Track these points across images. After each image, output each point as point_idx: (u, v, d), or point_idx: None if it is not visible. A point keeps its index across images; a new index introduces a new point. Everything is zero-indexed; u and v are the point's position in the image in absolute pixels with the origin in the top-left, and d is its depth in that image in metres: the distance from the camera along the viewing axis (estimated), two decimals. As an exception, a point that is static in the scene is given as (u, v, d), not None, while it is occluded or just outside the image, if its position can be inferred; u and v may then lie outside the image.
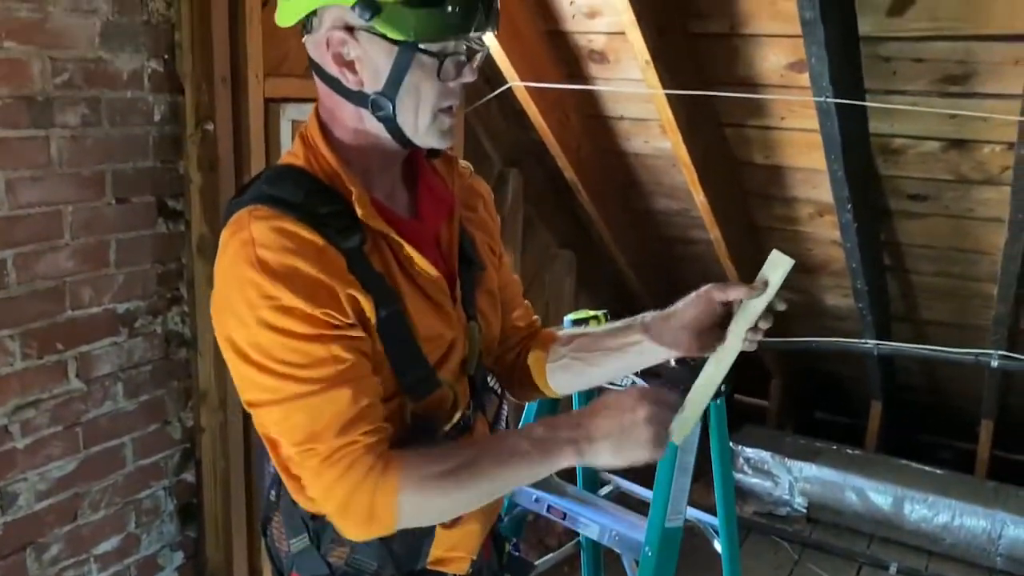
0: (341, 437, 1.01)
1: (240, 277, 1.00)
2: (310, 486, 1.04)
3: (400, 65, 1.03)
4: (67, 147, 1.98)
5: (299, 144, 1.12)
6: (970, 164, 2.72)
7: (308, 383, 1.00)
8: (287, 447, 1.04)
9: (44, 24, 1.90)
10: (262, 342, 0.99)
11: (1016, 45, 2.28)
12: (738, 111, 2.90)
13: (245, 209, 1.04)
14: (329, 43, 1.04)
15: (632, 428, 1.02)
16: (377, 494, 1.01)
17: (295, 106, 2.34)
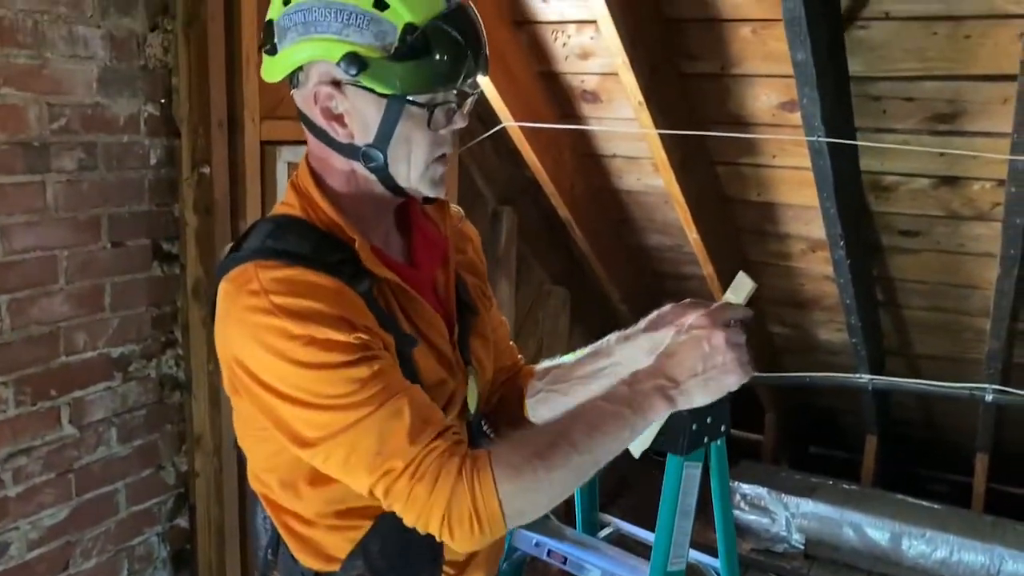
0: (415, 444, 0.97)
1: (259, 326, 0.98)
2: (407, 511, 0.98)
3: (390, 117, 1.02)
4: (63, 192, 1.98)
5: (292, 194, 1.11)
6: (961, 200, 2.75)
7: (363, 406, 0.97)
8: (365, 478, 0.98)
9: (42, 70, 1.91)
10: (303, 382, 0.97)
11: (1003, 84, 2.31)
12: (730, 149, 2.93)
13: (250, 264, 1.01)
14: (317, 97, 1.03)
15: (714, 356, 1.04)
16: (477, 495, 0.96)
17: (291, 148, 2.35)
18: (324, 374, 0.96)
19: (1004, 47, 2.21)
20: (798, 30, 2.13)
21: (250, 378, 1.00)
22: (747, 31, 2.50)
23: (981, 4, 2.14)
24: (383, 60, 0.98)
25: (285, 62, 1.04)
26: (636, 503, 3.49)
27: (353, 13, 0.98)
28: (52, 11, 1.91)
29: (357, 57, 0.98)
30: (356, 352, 0.97)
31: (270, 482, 1.12)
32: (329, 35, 0.99)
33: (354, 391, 0.97)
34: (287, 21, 1.02)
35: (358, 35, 0.98)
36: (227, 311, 1.02)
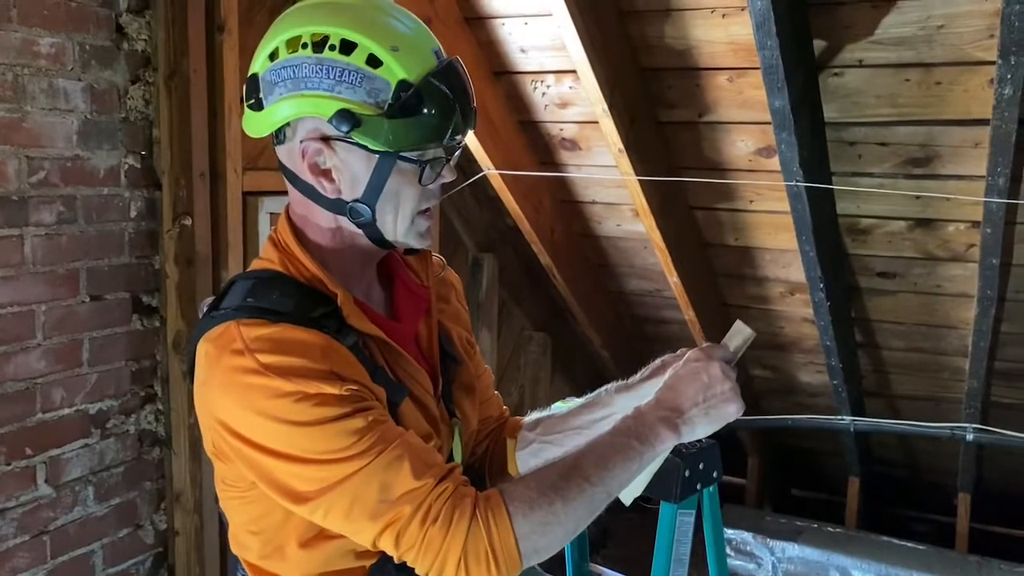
0: (422, 488, 0.94)
1: (246, 387, 0.95)
2: (422, 556, 0.94)
3: (380, 173, 1.01)
4: (41, 245, 1.95)
5: (271, 248, 1.08)
6: (936, 242, 2.79)
7: (362, 456, 0.94)
8: (370, 528, 0.95)
9: (22, 123, 1.89)
10: (297, 440, 0.95)
11: (975, 129, 2.37)
12: (708, 195, 2.96)
13: (231, 323, 0.98)
14: (304, 153, 1.01)
15: (713, 386, 1.07)
16: (494, 533, 0.94)
17: (273, 199, 2.34)
18: (318, 429, 0.94)
19: (975, 92, 2.27)
20: (775, 77, 2.16)
21: (237, 439, 0.97)
22: (723, 79, 2.54)
23: (951, 52, 2.20)
24: (376, 117, 0.97)
25: (272, 117, 1.01)
26: (620, 553, 3.45)
27: (346, 70, 0.97)
28: (33, 64, 1.90)
29: (350, 114, 0.97)
30: (349, 404, 0.95)
31: (252, 545, 1.09)
32: (320, 92, 0.97)
33: (352, 443, 0.94)
34: (274, 76, 1.00)
35: (351, 92, 0.97)
36: (210, 373, 0.99)
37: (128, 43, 2.09)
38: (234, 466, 1.02)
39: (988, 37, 2.12)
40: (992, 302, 2.70)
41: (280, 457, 0.96)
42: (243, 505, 1.07)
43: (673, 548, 1.84)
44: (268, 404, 0.94)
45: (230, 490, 1.07)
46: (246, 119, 1.06)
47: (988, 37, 2.12)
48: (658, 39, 2.51)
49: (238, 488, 1.05)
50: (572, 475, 0.99)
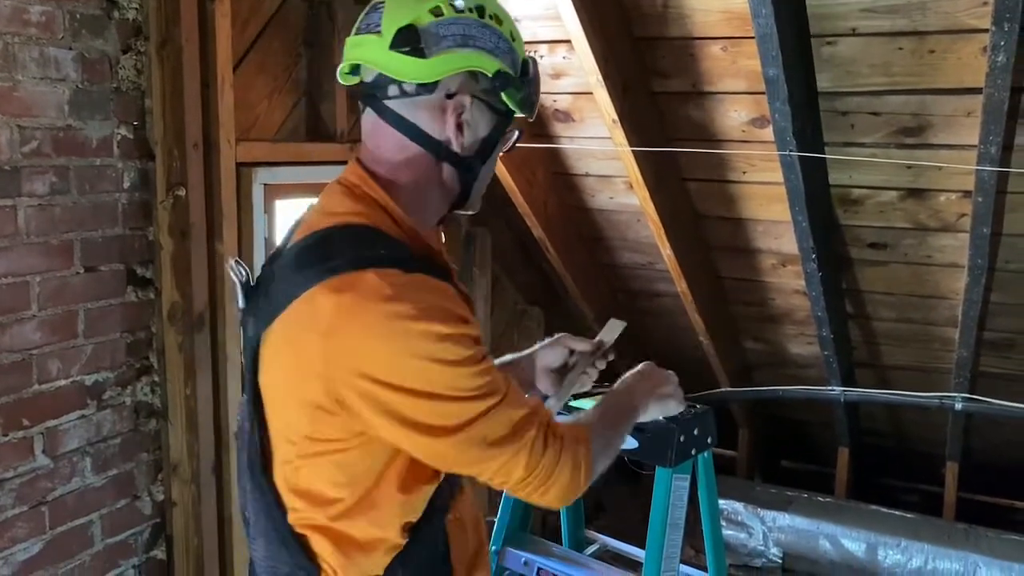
0: (527, 408, 1.08)
1: (404, 332, 0.99)
2: (541, 476, 1.08)
3: (496, 134, 1.15)
4: (35, 216, 1.93)
5: (349, 201, 1.10)
6: (927, 212, 2.81)
7: (495, 392, 1.05)
8: (501, 458, 1.06)
9: (12, 92, 1.87)
10: (447, 379, 1.01)
11: (967, 97, 2.38)
12: (701, 166, 2.96)
13: (368, 272, 1.00)
14: (452, 106, 1.09)
15: (667, 384, 1.45)
16: (581, 454, 1.12)
17: (266, 170, 2.33)
18: (465, 369, 1.02)
19: (968, 61, 2.28)
20: (769, 46, 2.17)
21: (379, 385, 1.00)
22: (717, 49, 2.54)
23: (945, 19, 2.20)
24: (516, 80, 1.12)
25: (441, 67, 1.07)
26: (614, 524, 3.48)
27: (501, 37, 1.10)
28: (23, 32, 1.88)
29: (506, 75, 1.10)
30: (481, 345, 1.05)
31: (336, 500, 1.08)
32: (487, 50, 1.09)
33: (487, 381, 1.04)
34: (442, 30, 1.07)
35: (505, 58, 1.11)
36: (351, 321, 1.00)
37: (119, 12, 2.07)
38: (339, 418, 1.03)
39: (982, 4, 2.13)
40: (983, 271, 2.73)
41: (430, 397, 1.01)
42: (336, 458, 1.07)
43: (668, 513, 1.86)
44: (427, 347, 1.00)
45: (319, 445, 1.07)
46: (401, 63, 1.07)
47: (982, 4, 2.13)
48: (652, 7, 2.51)
49: (336, 442, 1.06)
50: (612, 421, 1.27)
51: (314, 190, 2.55)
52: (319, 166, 2.51)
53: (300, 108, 2.56)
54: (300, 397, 1.05)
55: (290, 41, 2.51)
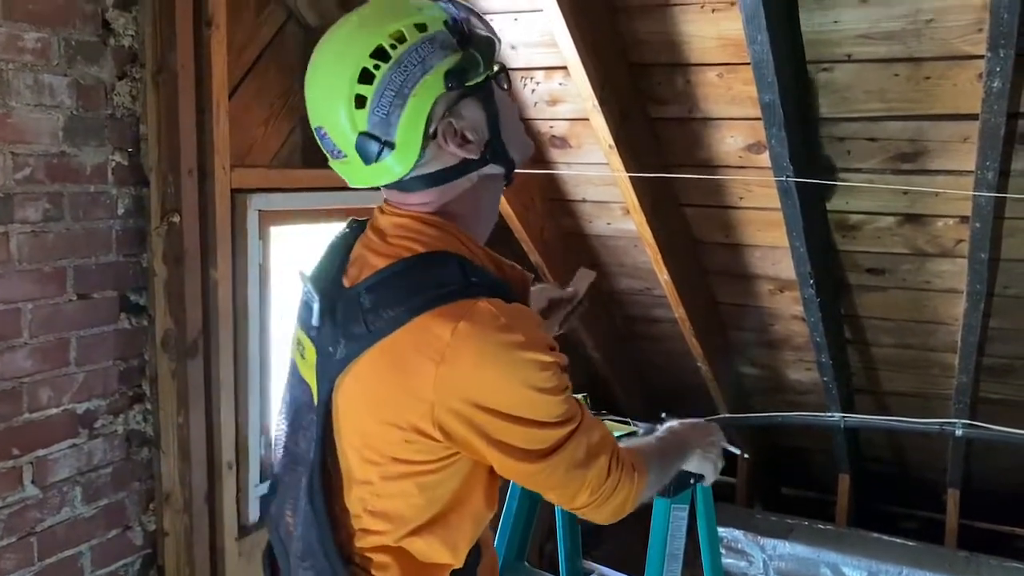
0: (600, 431, 1.14)
1: (515, 360, 1.03)
2: (608, 499, 1.15)
3: (489, 104, 1.09)
4: (28, 243, 1.92)
5: (431, 229, 1.11)
6: (925, 238, 2.80)
7: (576, 417, 1.10)
8: (581, 479, 1.12)
9: (7, 119, 1.86)
10: (543, 406, 1.06)
11: (964, 123, 2.38)
12: (698, 192, 2.96)
13: (481, 301, 1.03)
14: (445, 138, 1.07)
15: (713, 447, 1.50)
16: (637, 481, 1.18)
17: (261, 196, 2.32)
18: (558, 398, 1.07)
19: (963, 87, 2.28)
20: (765, 72, 2.17)
21: (484, 412, 1.03)
22: (713, 75, 2.54)
23: (940, 46, 2.21)
24: (460, 58, 1.05)
25: (411, 135, 1.05)
26: (613, 553, 3.43)
27: (416, 49, 1.03)
28: (18, 60, 1.88)
29: (452, 72, 1.05)
30: (567, 373, 1.09)
31: (411, 518, 1.11)
32: (423, 80, 1.04)
33: (570, 407, 1.10)
34: (379, 112, 1.03)
35: (436, 58, 1.04)
36: (470, 348, 1.02)
37: (114, 38, 2.07)
38: (434, 443, 1.05)
39: (977, 31, 2.13)
40: (981, 297, 2.72)
41: (528, 424, 1.06)
42: (419, 480, 1.09)
43: (667, 543, 1.83)
44: (533, 375, 1.04)
45: (404, 467, 1.08)
46: (385, 169, 1.07)
47: (977, 31, 2.13)
48: (648, 34, 2.52)
49: (422, 464, 1.08)
50: (666, 457, 1.36)
51: (310, 216, 2.55)
52: (315, 192, 2.50)
53: (296, 134, 2.56)
54: (398, 419, 1.05)
55: (287, 67, 2.50)
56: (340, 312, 1.10)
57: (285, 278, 2.41)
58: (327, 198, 2.53)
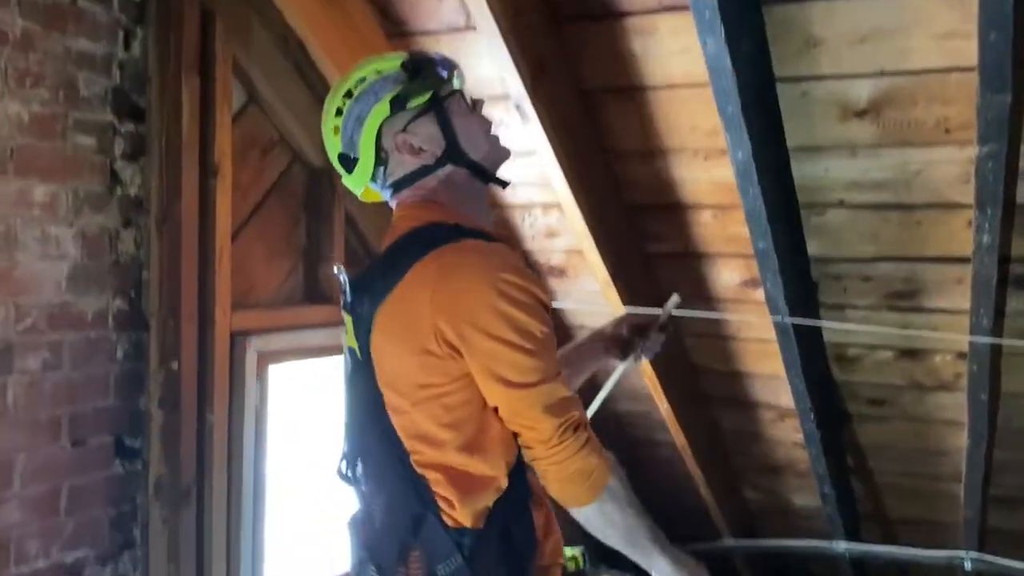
0: (579, 402, 1.29)
1: (503, 282, 1.22)
2: (565, 450, 1.24)
3: (444, 119, 1.36)
4: (25, 393, 1.93)
5: (423, 210, 1.36)
6: (924, 372, 2.79)
7: (551, 369, 1.26)
8: (555, 421, 1.24)
9: (12, 272, 1.90)
10: (534, 330, 1.23)
11: (957, 266, 2.40)
12: (697, 322, 2.97)
13: (464, 240, 1.28)
14: (399, 148, 1.35)
15: None
16: (601, 462, 1.26)
17: (261, 337, 2.34)
18: (536, 321, 1.24)
19: (955, 232, 2.31)
20: (759, 221, 2.21)
21: (472, 328, 1.22)
22: (708, 215, 2.58)
23: (929, 194, 2.24)
24: (406, 86, 1.35)
25: (367, 152, 1.36)
26: None
27: (372, 86, 1.36)
28: (26, 214, 1.93)
29: (396, 97, 1.34)
30: (548, 312, 1.27)
31: (448, 440, 1.27)
32: (373, 107, 1.34)
33: (550, 344, 1.27)
34: (346, 136, 1.37)
35: (386, 90, 1.35)
36: (455, 272, 1.24)
37: (121, 188, 2.12)
38: (446, 362, 1.25)
39: (964, 182, 2.17)
40: (983, 435, 2.70)
41: (508, 345, 1.22)
42: (443, 401, 1.27)
43: None
44: (511, 292, 1.22)
45: (427, 391, 1.27)
46: (353, 178, 1.40)
47: (964, 182, 2.17)
48: (641, 176, 2.57)
49: (441, 386, 1.26)
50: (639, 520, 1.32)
51: (309, 353, 2.56)
52: (314, 329, 2.52)
53: (298, 271, 2.60)
54: (412, 347, 1.26)
55: (290, 207, 2.56)
56: (364, 283, 1.36)
57: (282, 417, 2.41)
58: (327, 334, 2.55)
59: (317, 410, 2.66)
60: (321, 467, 2.65)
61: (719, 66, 1.86)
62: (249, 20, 2.31)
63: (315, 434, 2.66)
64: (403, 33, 2.39)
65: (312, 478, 2.65)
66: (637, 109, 2.36)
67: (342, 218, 2.63)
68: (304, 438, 2.64)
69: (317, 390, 2.66)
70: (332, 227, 2.59)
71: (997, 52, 1.65)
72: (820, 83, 2.08)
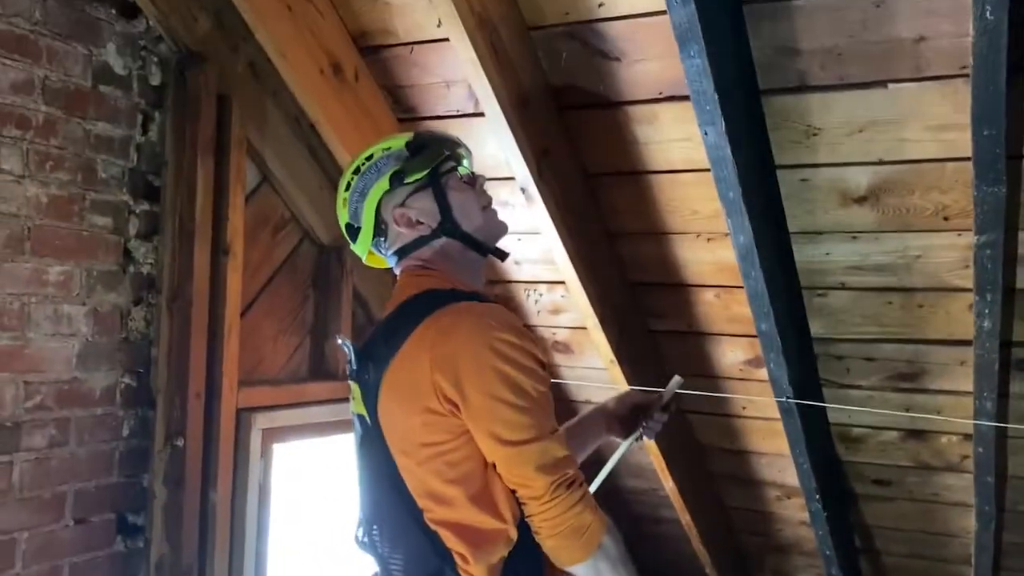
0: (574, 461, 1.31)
1: (497, 340, 1.28)
2: (558, 507, 1.27)
3: (440, 194, 1.44)
4: (31, 471, 1.94)
5: (424, 278, 1.43)
6: (929, 453, 2.78)
7: (545, 427, 1.29)
8: (548, 479, 1.27)
9: (23, 350, 1.92)
10: (527, 388, 1.27)
11: (959, 349, 2.41)
12: (702, 400, 2.97)
13: (474, 303, 1.35)
14: (398, 221, 1.44)
15: None
16: (595, 520, 1.29)
17: (266, 414, 2.35)
18: (529, 380, 1.28)
19: (956, 316, 2.33)
20: (761, 303, 2.23)
21: (469, 386, 1.27)
22: (711, 295, 2.61)
23: (930, 279, 2.27)
24: (406, 164, 1.44)
25: (368, 224, 1.46)
26: None
27: (376, 163, 1.46)
28: (40, 293, 1.96)
29: (395, 173, 1.44)
30: (545, 371, 1.32)
31: (455, 497, 1.32)
32: (375, 182, 1.45)
33: (545, 404, 1.30)
34: (352, 207, 1.48)
35: (389, 166, 1.45)
36: (452, 331, 1.30)
37: (134, 266, 2.16)
38: (447, 419, 1.29)
39: (964, 267, 2.20)
40: (991, 517, 2.67)
41: (503, 404, 1.26)
42: (446, 458, 1.32)
43: None
44: (505, 351, 1.27)
45: (430, 449, 1.32)
46: (356, 246, 1.51)
47: (964, 267, 2.20)
48: (645, 257, 2.60)
49: (444, 443, 1.31)
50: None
51: (314, 430, 2.57)
52: (320, 405, 2.53)
53: (304, 347, 2.62)
54: (416, 407, 1.31)
55: (299, 284, 2.60)
56: (369, 351, 1.42)
57: (286, 495, 2.40)
58: (332, 410, 2.56)
59: (322, 488, 2.66)
60: (324, 546, 2.64)
61: (720, 155, 1.91)
62: (264, 104, 2.38)
63: (319, 512, 2.65)
64: (413, 118, 2.46)
65: (315, 557, 2.63)
66: (640, 192, 2.40)
67: (350, 294, 2.67)
68: (308, 517, 2.62)
69: (322, 468, 2.65)
70: (340, 303, 2.62)
71: (990, 147, 1.69)
72: (820, 170, 2.12)
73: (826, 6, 1.80)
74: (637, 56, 2.08)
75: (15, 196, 1.90)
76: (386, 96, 2.45)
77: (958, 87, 1.83)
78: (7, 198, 1.88)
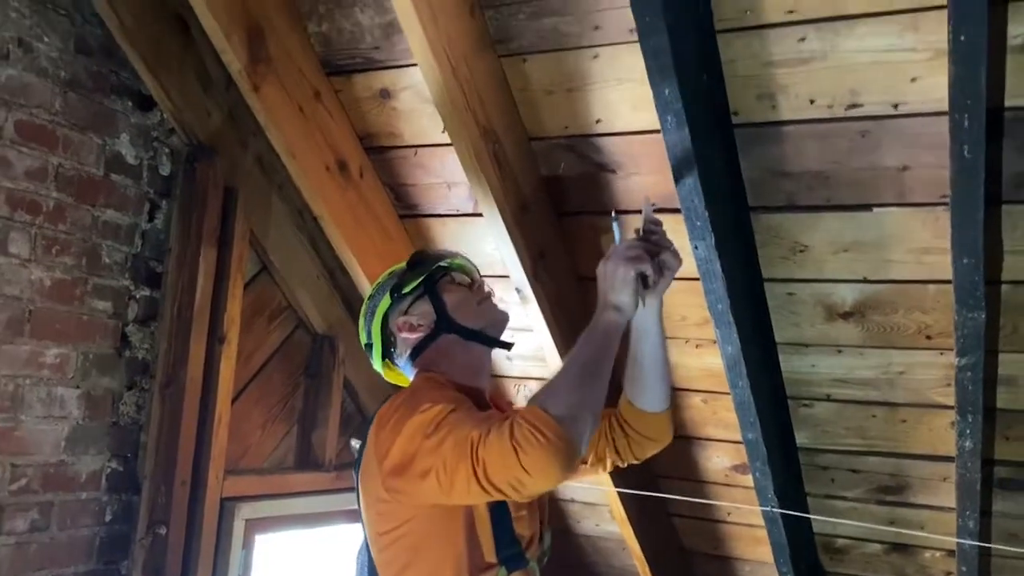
0: (482, 424, 1.29)
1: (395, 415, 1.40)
2: (492, 458, 1.24)
3: (437, 299, 1.58)
4: (8, 556, 1.92)
5: (421, 379, 1.55)
6: (914, 567, 2.77)
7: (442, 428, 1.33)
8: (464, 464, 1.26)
9: (13, 432, 1.93)
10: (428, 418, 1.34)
11: (942, 464, 2.44)
12: (687, 504, 2.97)
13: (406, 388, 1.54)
14: (402, 329, 1.58)
15: (607, 267, 1.46)
16: (528, 417, 1.24)
17: (250, 504, 2.34)
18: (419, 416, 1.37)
19: (939, 432, 2.36)
20: (747, 413, 2.26)
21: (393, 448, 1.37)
22: (698, 400, 2.64)
23: (913, 395, 2.31)
24: (405, 276, 1.62)
25: (376, 335, 1.62)
26: None
27: (382, 286, 1.65)
28: (36, 375, 1.98)
29: (394, 288, 1.61)
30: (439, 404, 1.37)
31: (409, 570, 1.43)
32: (381, 300, 1.62)
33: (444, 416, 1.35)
34: (366, 328, 1.65)
35: (391, 285, 1.62)
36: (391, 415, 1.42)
37: (130, 351, 2.18)
38: (391, 505, 1.40)
39: (946, 385, 2.24)
40: (978, 634, 2.64)
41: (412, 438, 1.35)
42: (402, 543, 1.42)
43: None
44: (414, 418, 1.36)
45: (385, 538, 1.43)
46: (373, 361, 1.68)
47: (946, 385, 2.24)
48: (636, 360, 2.64)
49: (394, 531, 1.41)
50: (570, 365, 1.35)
51: (298, 521, 2.55)
52: (304, 496, 2.52)
53: (292, 436, 2.62)
54: (371, 499, 1.44)
55: (291, 372, 2.62)
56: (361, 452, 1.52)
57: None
58: (317, 501, 2.55)
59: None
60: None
61: (709, 269, 1.96)
62: (269, 196, 2.45)
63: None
64: (415, 215, 2.53)
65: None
66: (632, 297, 2.45)
67: (341, 383, 2.68)
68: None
69: (305, 560, 2.62)
70: (330, 392, 2.63)
71: (970, 274, 1.76)
72: (806, 285, 2.19)
73: (814, 133, 1.89)
74: (632, 169, 2.16)
75: (20, 279, 1.93)
76: (389, 193, 2.52)
77: (939, 214, 1.91)
78: (12, 281, 1.92)
